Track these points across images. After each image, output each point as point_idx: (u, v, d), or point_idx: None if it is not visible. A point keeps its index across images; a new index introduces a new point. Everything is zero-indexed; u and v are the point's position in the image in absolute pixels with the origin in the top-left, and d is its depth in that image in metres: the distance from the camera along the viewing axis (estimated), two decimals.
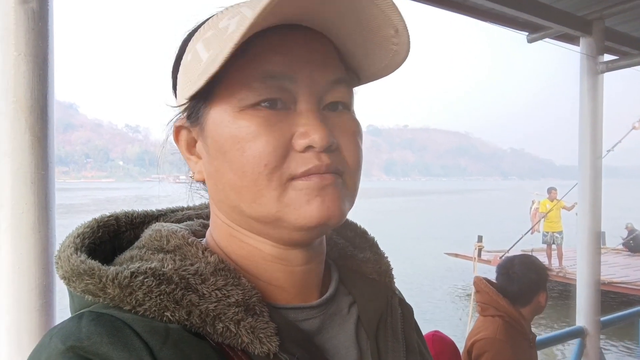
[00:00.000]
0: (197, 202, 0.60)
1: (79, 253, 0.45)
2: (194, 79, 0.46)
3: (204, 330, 0.43)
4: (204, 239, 0.53)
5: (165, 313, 0.42)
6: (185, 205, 0.61)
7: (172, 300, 0.42)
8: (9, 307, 1.04)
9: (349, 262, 0.59)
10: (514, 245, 7.80)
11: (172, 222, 0.56)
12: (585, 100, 3.01)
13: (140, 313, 0.42)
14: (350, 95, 0.49)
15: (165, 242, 0.48)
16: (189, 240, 0.49)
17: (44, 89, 1.03)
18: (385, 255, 0.62)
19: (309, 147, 0.44)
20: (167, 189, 0.64)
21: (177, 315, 0.42)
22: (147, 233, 0.50)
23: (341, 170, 0.46)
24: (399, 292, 0.63)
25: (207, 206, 0.61)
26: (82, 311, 0.43)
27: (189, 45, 0.50)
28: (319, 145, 0.44)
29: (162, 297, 0.42)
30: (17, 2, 1.00)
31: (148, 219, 0.56)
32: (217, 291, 0.44)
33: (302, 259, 0.51)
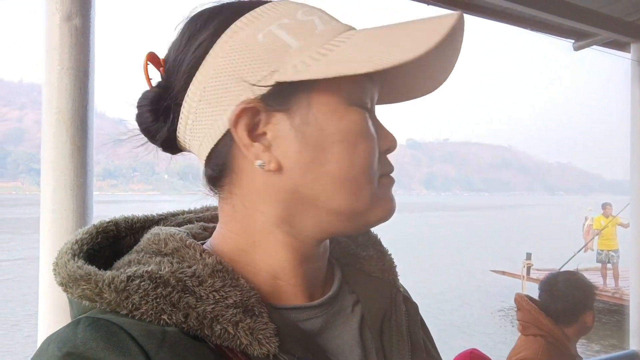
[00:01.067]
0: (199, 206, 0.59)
1: (76, 259, 0.45)
2: (291, 64, 0.45)
3: (202, 333, 0.42)
4: (207, 241, 0.53)
5: (162, 316, 0.42)
6: (187, 209, 0.60)
7: (168, 303, 0.42)
8: (50, 309, 1.09)
9: (352, 261, 0.59)
10: (566, 263, 7.43)
11: (173, 225, 0.56)
12: (637, 109, 2.86)
13: (137, 317, 0.42)
14: None
15: (163, 245, 0.48)
16: (187, 242, 0.48)
17: (85, 100, 1.08)
18: (389, 253, 0.61)
19: (387, 150, 0.50)
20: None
21: (174, 318, 0.42)
22: (146, 237, 0.50)
23: None
24: (404, 289, 0.62)
25: (208, 209, 0.60)
26: (79, 317, 0.43)
27: (243, 24, 0.47)
28: (394, 149, 0.50)
29: (158, 300, 0.42)
30: (62, 20, 1.06)
31: (148, 223, 0.55)
32: (214, 293, 0.44)
33: (319, 256, 0.52)
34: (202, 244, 0.51)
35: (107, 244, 0.51)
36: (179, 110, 0.48)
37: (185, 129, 0.49)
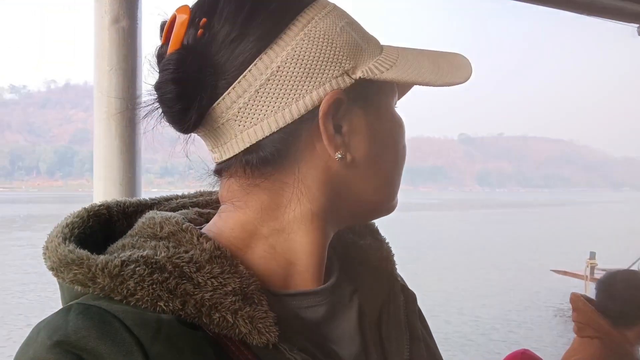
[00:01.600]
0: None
1: (67, 243, 0.44)
2: (368, 64, 0.47)
3: (200, 321, 0.41)
4: (204, 226, 0.51)
5: (159, 303, 0.40)
6: (180, 194, 0.59)
7: (165, 290, 0.41)
8: None
9: (349, 249, 0.58)
10: (634, 262, 6.98)
11: (167, 210, 0.54)
12: None
13: (132, 303, 0.40)
14: None
15: (158, 229, 0.46)
16: (184, 226, 0.46)
17: (132, 99, 1.13)
18: (387, 241, 0.60)
19: None
20: None
21: (170, 305, 0.41)
22: (141, 221, 0.49)
23: None
24: (401, 278, 0.61)
25: (202, 194, 0.59)
26: (70, 303, 0.42)
27: (317, 12, 0.47)
28: None
29: (154, 286, 0.41)
30: (110, 22, 1.12)
31: (141, 207, 0.54)
32: (212, 279, 0.43)
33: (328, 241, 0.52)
34: (200, 229, 0.49)
35: (98, 228, 0.49)
36: (223, 84, 0.45)
37: (229, 107, 0.45)
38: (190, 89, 0.44)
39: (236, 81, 0.45)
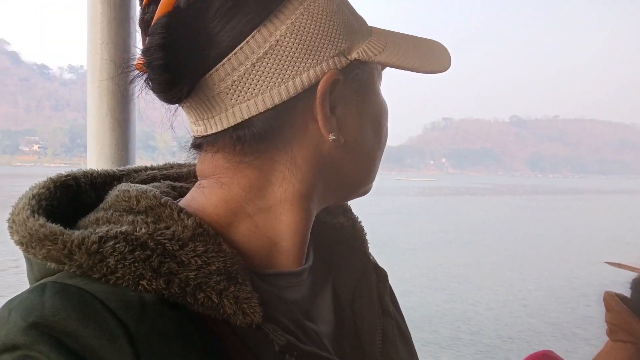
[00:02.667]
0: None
1: (36, 216, 0.42)
2: (362, 45, 0.47)
3: (184, 301, 0.40)
4: (180, 200, 0.49)
5: (141, 282, 0.39)
6: (149, 165, 0.57)
7: (148, 268, 0.39)
8: None
9: (322, 228, 0.58)
10: None
11: (137, 182, 0.52)
12: None
13: (112, 282, 0.39)
14: None
15: (135, 203, 0.45)
16: (162, 200, 0.45)
17: (125, 75, 1.10)
18: (359, 220, 0.60)
19: None
20: None
21: (154, 284, 0.39)
22: (113, 193, 0.47)
23: None
24: (372, 257, 0.61)
25: (172, 166, 0.57)
26: (44, 281, 0.40)
27: None
28: None
29: (136, 264, 0.39)
30: None
31: (109, 179, 0.52)
32: (196, 258, 0.41)
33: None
34: (177, 203, 0.47)
35: (66, 200, 0.47)
36: (215, 55, 0.43)
37: (222, 80, 0.43)
38: (181, 57, 0.41)
39: (232, 53, 0.43)
